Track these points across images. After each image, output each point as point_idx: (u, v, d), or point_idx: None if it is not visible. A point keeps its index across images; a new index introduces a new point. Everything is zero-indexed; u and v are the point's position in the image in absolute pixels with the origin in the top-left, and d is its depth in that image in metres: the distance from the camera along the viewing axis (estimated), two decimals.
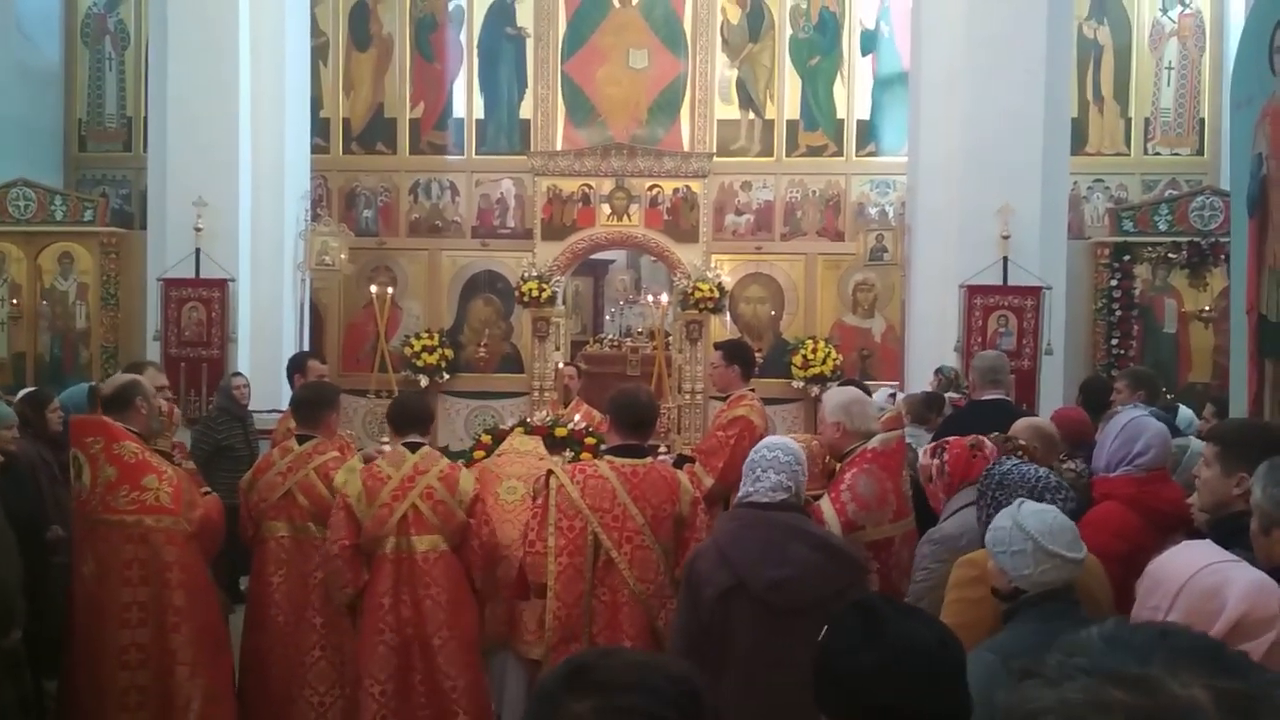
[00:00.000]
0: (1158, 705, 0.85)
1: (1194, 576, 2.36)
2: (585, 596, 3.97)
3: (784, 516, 3.16)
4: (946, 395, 7.03)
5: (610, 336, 12.52)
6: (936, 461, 3.68)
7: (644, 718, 1.17)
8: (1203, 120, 11.53)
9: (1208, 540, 2.61)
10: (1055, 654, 0.94)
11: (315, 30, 11.24)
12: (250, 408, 7.92)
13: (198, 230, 9.28)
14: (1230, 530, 2.77)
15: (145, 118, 10.85)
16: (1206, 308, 9.45)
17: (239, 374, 8.21)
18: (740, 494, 3.25)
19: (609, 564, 3.97)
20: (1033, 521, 2.56)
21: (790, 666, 2.78)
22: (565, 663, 1.27)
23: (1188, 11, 11.54)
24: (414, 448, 4.44)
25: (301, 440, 4.86)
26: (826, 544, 3.20)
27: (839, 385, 5.49)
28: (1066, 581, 2.55)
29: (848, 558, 3.24)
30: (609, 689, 1.19)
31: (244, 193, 9.61)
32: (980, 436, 3.74)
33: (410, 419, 4.55)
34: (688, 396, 10.76)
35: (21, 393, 6.00)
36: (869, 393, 5.92)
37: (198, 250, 9.34)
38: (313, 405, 5.00)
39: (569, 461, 5.02)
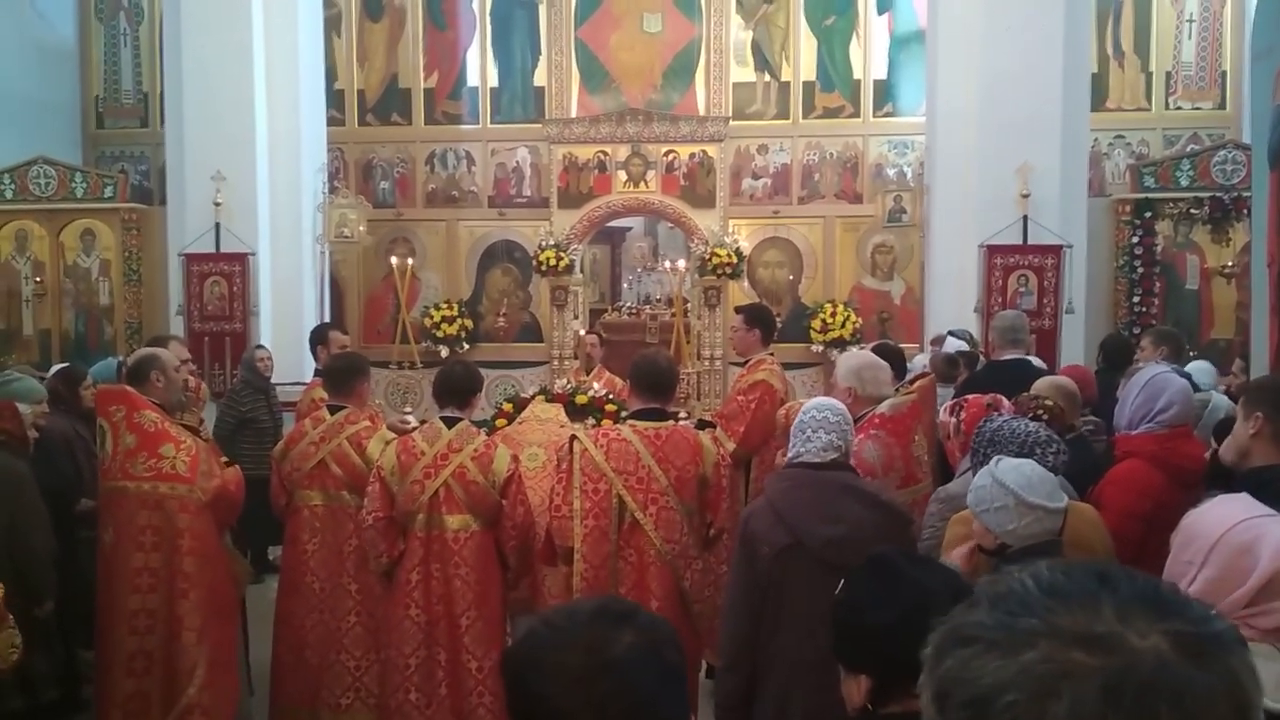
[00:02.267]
0: (1127, 663, 0.81)
1: (1228, 532, 2.37)
2: (611, 558, 4.03)
3: (836, 475, 3.22)
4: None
5: (628, 304, 12.53)
6: (954, 420, 3.70)
7: (670, 630, 1.37)
8: (1225, 73, 11.37)
9: (1244, 494, 2.60)
10: (989, 611, 0.87)
11: (327, 1, 11.20)
12: (273, 380, 7.99)
13: (217, 205, 9.33)
14: (1256, 484, 2.76)
15: (161, 93, 10.89)
16: (1229, 263, 9.37)
17: (262, 346, 8.28)
18: (790, 454, 3.30)
19: (634, 525, 4.04)
20: (1011, 476, 2.57)
21: None
22: (577, 612, 1.37)
23: None
24: (451, 423, 4.34)
25: (333, 410, 4.88)
26: (877, 500, 3.27)
27: (872, 348, 5.49)
28: (1050, 532, 2.55)
29: (896, 512, 3.31)
30: (630, 618, 1.33)
31: (261, 166, 9.65)
32: (998, 395, 3.74)
33: (447, 391, 4.42)
34: (707, 362, 10.77)
35: (55, 369, 6.08)
36: (901, 354, 5.93)
37: (217, 225, 9.40)
38: (345, 374, 5.01)
39: (592, 427, 5.05)
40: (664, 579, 4.02)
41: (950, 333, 7.85)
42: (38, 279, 10.36)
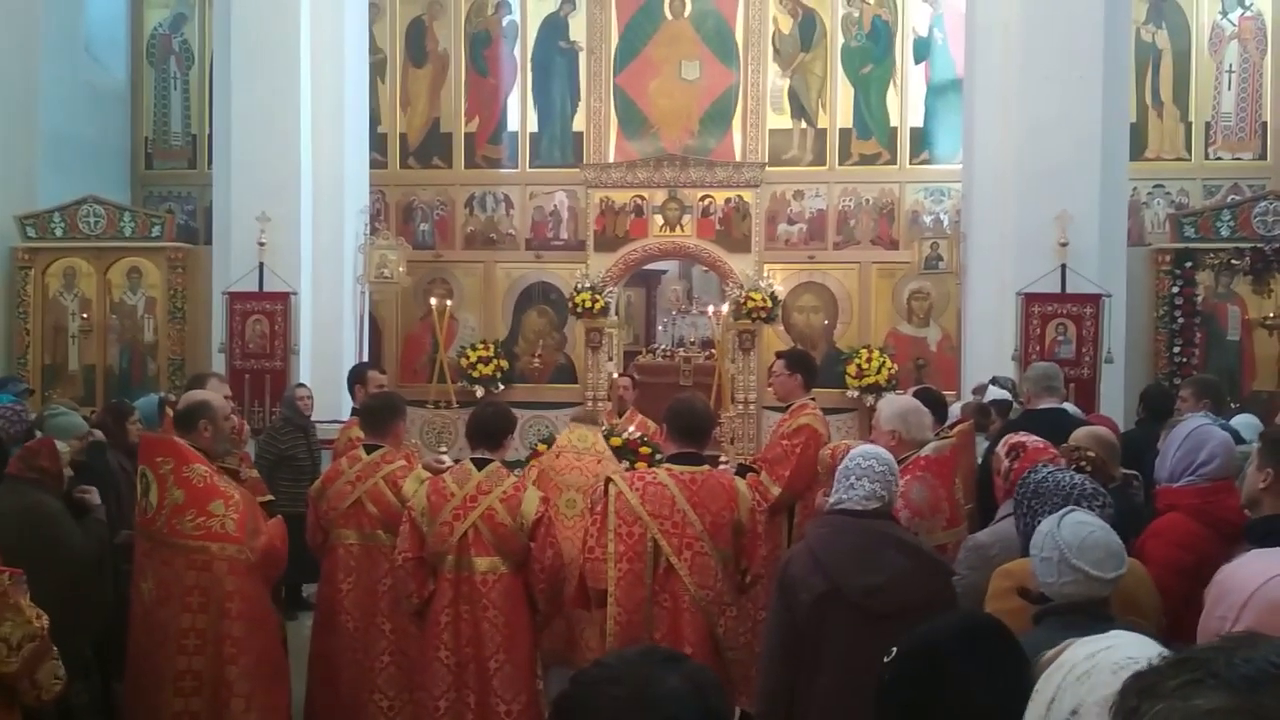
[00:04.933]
0: None
1: (1262, 587, 2.34)
2: (646, 603, 4.01)
3: (876, 524, 3.21)
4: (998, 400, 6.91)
5: (663, 347, 12.58)
6: (1008, 463, 3.64)
7: (714, 677, 1.40)
8: (1265, 124, 11.32)
9: (1278, 550, 2.58)
10: (1244, 696, 0.82)
11: (373, 48, 11.45)
12: (312, 418, 8.07)
13: (261, 245, 9.48)
14: (1264, 532, 2.74)
15: (209, 135, 11.12)
16: (1271, 314, 9.27)
17: (303, 385, 8.37)
18: (833, 500, 3.30)
19: (669, 570, 4.01)
20: (1068, 533, 2.52)
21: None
22: (626, 654, 1.42)
23: (1248, 14, 11.34)
24: (481, 464, 4.36)
25: (369, 449, 4.91)
26: (917, 550, 3.26)
27: (913, 394, 5.49)
28: (1090, 597, 2.48)
29: (936, 563, 3.30)
30: (678, 662, 1.37)
31: (305, 208, 9.81)
32: (1057, 454, 3.66)
33: (479, 433, 4.46)
34: (741, 406, 10.76)
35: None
36: (943, 400, 5.92)
37: (261, 264, 9.55)
38: (382, 414, 5.03)
39: (627, 470, 5.05)
40: (698, 625, 3.98)
41: (993, 380, 7.77)
42: (84, 315, 10.56)
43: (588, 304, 10.83)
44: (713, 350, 10.97)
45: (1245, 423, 5.70)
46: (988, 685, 1.85)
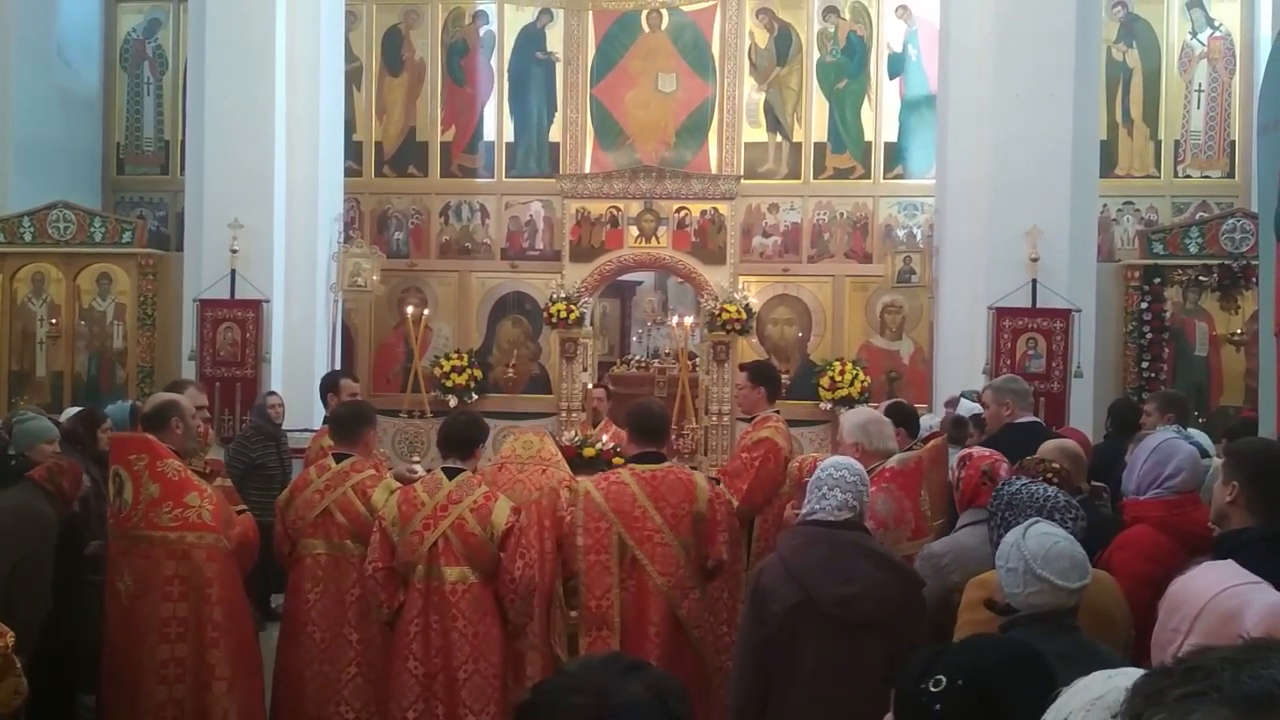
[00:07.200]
0: None
1: (1213, 599, 2.37)
2: (613, 589, 4.42)
3: (848, 534, 3.23)
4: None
5: (637, 357, 12.59)
6: (958, 472, 3.73)
7: (677, 684, 1.41)
8: (1233, 142, 11.47)
9: (1230, 562, 2.61)
10: (1243, 714, 0.79)
11: (349, 55, 11.42)
12: (283, 426, 8.01)
13: (233, 252, 9.43)
14: (1232, 546, 2.77)
15: (182, 141, 11.06)
16: (1238, 331, 9.38)
17: (273, 393, 8.31)
18: (805, 510, 3.34)
19: (634, 561, 4.42)
20: (1032, 543, 2.55)
21: (855, 680, 2.91)
22: (589, 661, 1.44)
23: (1217, 34, 11.51)
24: (453, 473, 4.37)
25: (338, 458, 4.86)
26: (889, 561, 3.28)
27: (886, 407, 5.55)
28: (1056, 608, 2.51)
29: (908, 574, 3.33)
30: (639, 669, 1.38)
31: (279, 215, 9.76)
32: (997, 464, 3.72)
33: (451, 442, 4.47)
34: (714, 418, 10.77)
35: (73, 411, 6.10)
36: (915, 414, 5.98)
37: (233, 271, 9.49)
38: (351, 423, 4.99)
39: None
40: (661, 607, 4.40)
41: (963, 394, 7.84)
42: (53, 321, 10.44)
43: (562, 314, 10.81)
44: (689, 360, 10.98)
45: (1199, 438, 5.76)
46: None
